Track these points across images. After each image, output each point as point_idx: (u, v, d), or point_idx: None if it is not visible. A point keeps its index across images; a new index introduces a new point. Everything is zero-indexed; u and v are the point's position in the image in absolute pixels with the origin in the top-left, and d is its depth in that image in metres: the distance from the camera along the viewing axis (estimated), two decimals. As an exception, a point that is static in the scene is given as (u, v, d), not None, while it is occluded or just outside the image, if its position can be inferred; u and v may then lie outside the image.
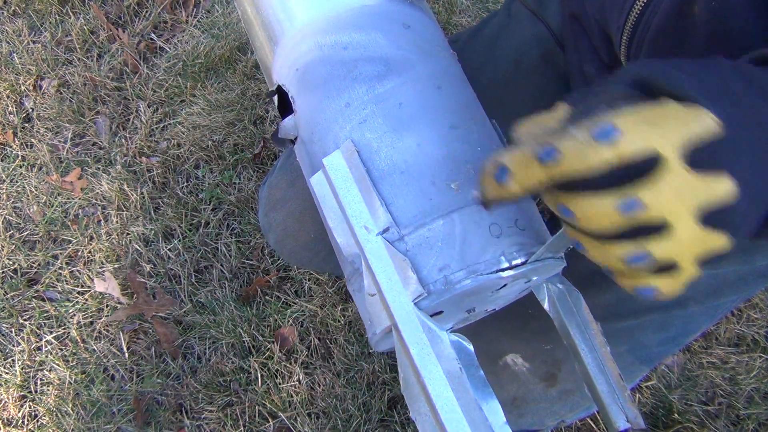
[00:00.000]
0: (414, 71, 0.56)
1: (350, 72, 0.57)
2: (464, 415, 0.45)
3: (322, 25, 0.61)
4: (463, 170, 0.52)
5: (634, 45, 0.58)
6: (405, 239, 0.50)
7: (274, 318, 1.25)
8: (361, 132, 0.55)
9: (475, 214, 0.50)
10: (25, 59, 1.60)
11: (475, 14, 1.59)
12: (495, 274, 0.48)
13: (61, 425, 1.21)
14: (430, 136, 0.53)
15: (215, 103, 1.49)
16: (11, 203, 1.44)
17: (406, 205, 0.51)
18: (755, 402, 1.14)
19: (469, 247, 0.49)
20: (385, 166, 0.53)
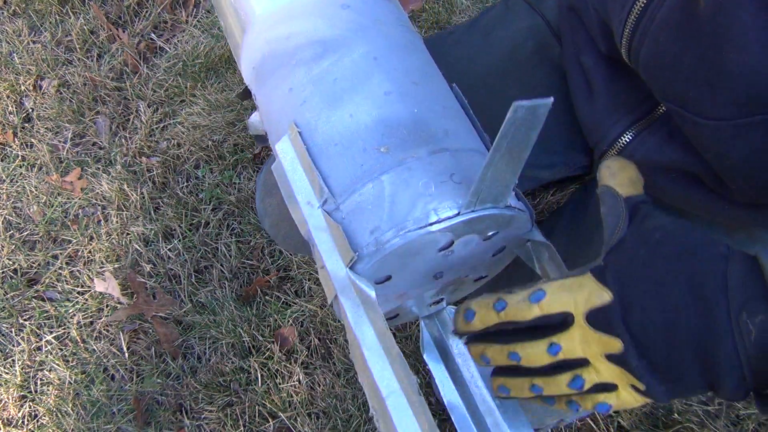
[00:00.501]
0: (349, 48, 0.58)
1: (291, 59, 0.59)
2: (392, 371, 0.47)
3: (270, 21, 0.63)
4: (395, 133, 0.53)
5: (636, 39, 0.58)
6: (340, 208, 0.52)
7: (274, 318, 1.25)
8: (302, 113, 0.57)
9: (404, 173, 0.51)
10: (25, 59, 1.60)
11: (475, 14, 1.59)
12: (424, 230, 0.49)
13: (61, 425, 1.21)
14: (363, 105, 0.55)
15: (215, 103, 1.49)
16: (11, 203, 1.44)
17: (341, 175, 0.53)
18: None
19: (398, 206, 0.50)
20: (322, 141, 0.54)
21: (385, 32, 0.60)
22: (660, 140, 0.66)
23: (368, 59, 0.57)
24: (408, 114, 0.54)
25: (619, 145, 0.70)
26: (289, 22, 0.61)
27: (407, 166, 0.51)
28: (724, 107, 0.52)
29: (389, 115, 0.54)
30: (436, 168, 0.51)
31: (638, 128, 0.68)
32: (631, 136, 0.68)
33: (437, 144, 0.53)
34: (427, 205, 0.49)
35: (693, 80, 0.53)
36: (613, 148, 0.70)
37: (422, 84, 0.57)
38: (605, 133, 0.70)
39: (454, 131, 0.55)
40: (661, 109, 0.66)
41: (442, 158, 0.52)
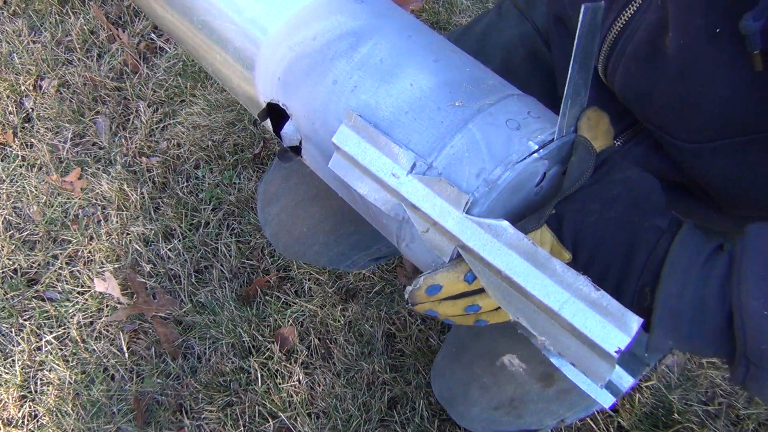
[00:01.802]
0: (382, 31, 0.60)
1: (326, 55, 0.60)
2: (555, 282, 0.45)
3: (286, 31, 0.64)
4: (460, 89, 0.55)
5: (610, 66, 0.60)
6: (434, 165, 0.52)
7: (274, 318, 1.25)
8: (356, 98, 0.57)
9: (488, 117, 0.53)
10: (25, 59, 1.60)
11: (475, 14, 1.59)
12: (530, 158, 0.50)
13: (61, 425, 1.21)
14: (419, 74, 0.56)
15: (215, 103, 1.49)
16: (11, 203, 1.44)
17: (423, 138, 0.53)
18: (755, 402, 1.14)
19: (495, 146, 0.51)
20: (389, 115, 0.55)
21: (404, 17, 0.63)
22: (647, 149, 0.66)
23: (404, 37, 0.60)
24: (463, 74, 0.57)
25: None
26: (309, 25, 0.63)
27: (488, 112, 0.53)
28: (697, 133, 0.54)
29: (447, 77, 0.56)
30: (513, 108, 0.54)
31: (625, 137, 0.68)
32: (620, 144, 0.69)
33: (501, 92, 0.55)
34: (521, 138, 0.51)
35: (664, 109, 0.56)
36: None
37: (458, 52, 0.61)
38: None
39: (505, 83, 0.58)
40: None
41: (512, 101, 0.55)
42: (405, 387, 1.18)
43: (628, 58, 0.57)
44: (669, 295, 0.45)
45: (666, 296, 0.45)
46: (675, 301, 0.45)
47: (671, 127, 0.56)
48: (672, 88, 0.53)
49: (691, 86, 0.51)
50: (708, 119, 0.52)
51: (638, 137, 0.67)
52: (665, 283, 0.46)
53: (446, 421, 1.15)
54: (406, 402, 1.17)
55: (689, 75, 0.51)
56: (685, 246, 0.46)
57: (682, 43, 0.50)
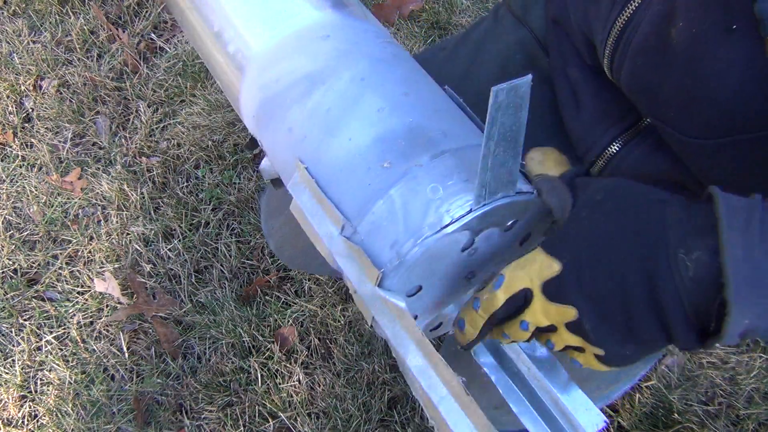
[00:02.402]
0: (335, 76, 0.59)
1: (284, 100, 0.60)
2: (438, 377, 0.48)
3: (257, 69, 0.64)
4: (394, 147, 0.54)
5: (616, 60, 0.59)
6: (358, 230, 0.53)
7: (274, 318, 1.25)
8: (305, 148, 0.58)
9: (411, 182, 0.52)
10: (25, 59, 1.60)
11: (475, 14, 1.59)
12: (440, 233, 0.49)
13: (61, 425, 1.21)
14: (359, 127, 0.55)
15: (215, 103, 1.49)
16: (11, 203, 1.44)
17: (352, 199, 0.54)
18: (755, 402, 1.14)
19: (412, 216, 0.50)
20: (329, 171, 0.56)
21: (366, 52, 0.61)
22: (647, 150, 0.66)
23: (355, 82, 0.58)
24: (403, 125, 0.55)
25: (606, 156, 0.70)
26: (275, 66, 0.63)
27: (412, 176, 0.52)
28: (704, 128, 0.53)
29: (385, 130, 0.55)
30: (441, 170, 0.52)
31: (625, 138, 0.68)
32: (619, 146, 0.69)
33: (437, 147, 0.53)
34: (438, 208, 0.50)
35: (672, 103, 0.55)
36: (600, 158, 0.71)
37: (412, 92, 0.58)
38: (593, 143, 0.71)
39: (451, 131, 0.56)
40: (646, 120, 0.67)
41: (444, 160, 0.53)
42: (405, 387, 1.18)
43: (634, 51, 0.56)
44: (737, 260, 0.38)
45: (735, 261, 0.38)
46: (747, 266, 0.39)
47: (677, 121, 0.55)
48: (680, 80, 0.52)
49: (700, 79, 0.50)
50: (715, 114, 0.51)
51: (638, 138, 0.67)
52: (729, 246, 0.39)
53: (446, 421, 1.15)
54: (406, 402, 1.17)
55: (698, 67, 0.50)
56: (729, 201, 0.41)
57: (694, 32, 0.49)
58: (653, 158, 0.66)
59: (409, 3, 1.58)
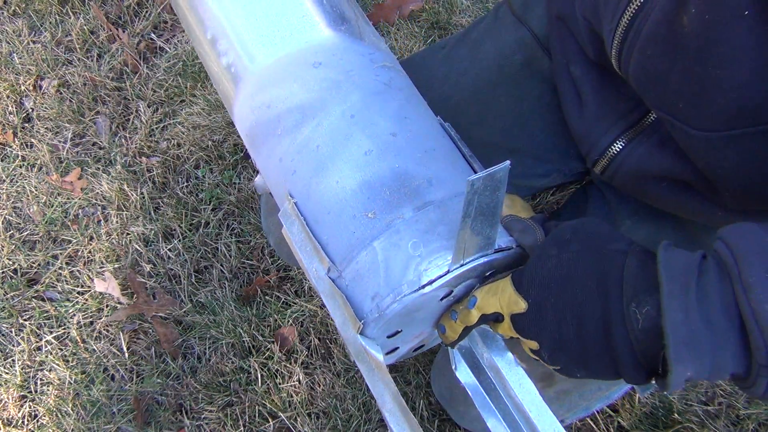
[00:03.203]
0: (326, 110, 0.59)
1: (276, 128, 0.60)
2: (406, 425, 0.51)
3: (251, 88, 0.64)
4: (379, 195, 0.54)
5: (625, 50, 0.58)
6: (343, 275, 0.54)
7: (274, 318, 1.25)
8: (293, 183, 0.58)
9: (393, 236, 0.52)
10: (25, 59, 1.60)
11: (475, 14, 1.59)
12: (418, 293, 0.50)
13: (61, 425, 1.21)
14: (346, 170, 0.56)
15: (215, 103, 1.49)
16: (11, 203, 1.44)
17: (338, 243, 0.55)
18: (755, 402, 1.14)
19: (391, 271, 0.52)
20: (317, 210, 0.56)
21: (359, 83, 0.60)
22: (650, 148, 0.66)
23: (345, 119, 0.58)
24: (389, 171, 0.55)
25: (610, 154, 0.70)
26: (267, 89, 0.62)
27: (395, 229, 0.52)
28: (712, 119, 0.52)
29: (371, 176, 0.55)
30: (423, 225, 0.53)
31: (629, 137, 0.68)
32: (622, 144, 0.68)
33: (421, 198, 0.54)
34: (418, 267, 0.51)
35: (681, 93, 0.54)
36: (604, 157, 0.71)
37: (401, 132, 0.58)
38: (596, 141, 0.71)
39: (438, 176, 0.56)
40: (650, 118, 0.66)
41: (427, 213, 0.53)
42: (405, 387, 1.18)
43: (643, 40, 0.56)
44: (676, 323, 0.43)
45: (674, 324, 0.43)
46: (685, 329, 0.42)
47: (686, 112, 0.55)
48: (691, 67, 0.52)
49: (711, 66, 0.50)
50: (725, 104, 0.51)
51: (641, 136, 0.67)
52: (669, 310, 0.43)
53: (446, 421, 1.15)
54: (406, 402, 1.17)
55: (710, 54, 0.50)
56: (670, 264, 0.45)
57: (707, 18, 0.49)
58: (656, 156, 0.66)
59: (409, 3, 1.58)
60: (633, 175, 0.69)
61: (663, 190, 0.67)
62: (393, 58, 0.68)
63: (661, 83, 0.56)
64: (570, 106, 0.73)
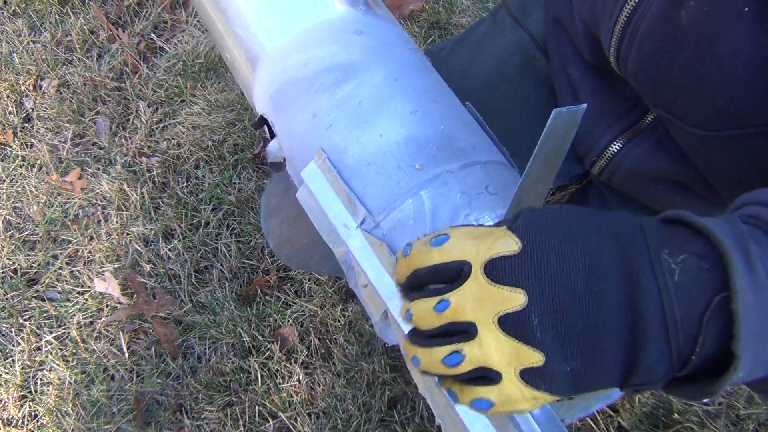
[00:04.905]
0: (369, 71, 0.59)
1: (312, 85, 0.60)
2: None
3: (285, 49, 0.64)
4: (426, 150, 0.54)
5: (623, 48, 0.58)
6: (381, 225, 0.52)
7: (274, 318, 1.25)
8: (329, 137, 0.57)
9: (442, 187, 0.52)
10: (25, 59, 1.60)
11: (475, 14, 1.59)
12: None
13: (61, 425, 1.21)
14: (391, 125, 0.55)
15: (215, 103, 1.49)
16: (11, 203, 1.44)
17: (378, 194, 0.53)
18: (755, 402, 1.14)
19: (439, 219, 0.51)
20: (354, 162, 0.55)
21: (399, 54, 0.62)
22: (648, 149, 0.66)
23: (389, 81, 0.58)
24: (435, 131, 0.55)
25: (608, 155, 0.70)
26: (305, 51, 0.62)
27: (443, 180, 0.52)
28: (710, 118, 0.52)
29: (418, 132, 0.55)
30: (471, 180, 0.52)
31: (626, 137, 0.68)
32: (620, 145, 0.69)
33: (468, 158, 0.54)
34: (468, 216, 0.50)
35: (680, 89, 0.54)
36: (601, 158, 0.71)
37: (441, 102, 0.59)
38: (594, 143, 0.71)
39: (480, 144, 0.56)
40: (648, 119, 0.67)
41: (474, 171, 0.53)
42: (405, 387, 1.18)
43: (642, 37, 0.55)
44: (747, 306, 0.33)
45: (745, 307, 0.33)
46: (756, 315, 0.33)
47: (685, 110, 0.55)
48: (690, 62, 0.51)
49: (710, 61, 0.50)
50: (720, 103, 0.51)
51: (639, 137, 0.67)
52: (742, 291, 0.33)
53: (446, 421, 1.15)
54: (406, 402, 1.17)
55: (709, 50, 0.49)
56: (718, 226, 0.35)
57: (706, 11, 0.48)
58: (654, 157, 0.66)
59: (409, 3, 1.58)
60: (631, 176, 0.69)
61: (660, 190, 0.67)
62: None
63: (659, 80, 0.56)
64: None
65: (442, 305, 0.37)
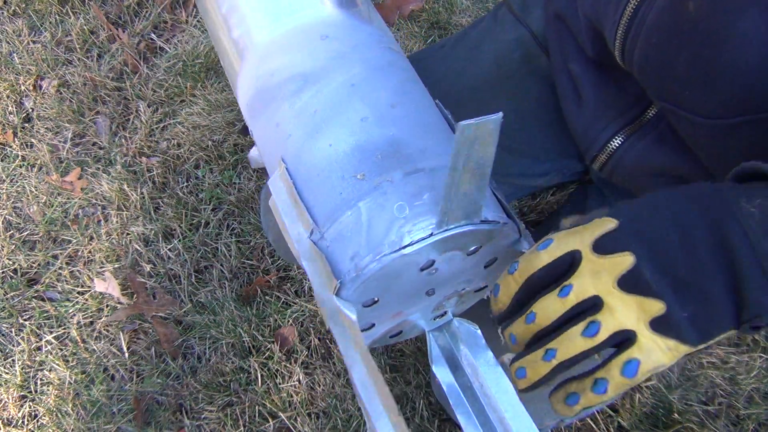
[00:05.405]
0: (328, 78, 0.59)
1: (277, 95, 0.61)
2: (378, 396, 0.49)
3: (256, 59, 0.65)
4: (370, 159, 0.54)
5: (629, 40, 0.58)
6: (324, 236, 0.53)
7: (274, 318, 1.25)
8: (287, 147, 0.58)
9: (380, 197, 0.52)
10: (25, 59, 1.60)
11: (475, 14, 1.59)
12: (398, 253, 0.50)
13: (61, 425, 1.21)
14: (341, 134, 0.56)
15: (215, 103, 1.49)
16: (11, 203, 1.44)
17: (324, 204, 0.54)
18: (755, 402, 1.14)
19: (374, 231, 0.51)
20: (306, 173, 0.56)
21: (364, 57, 0.61)
22: (649, 144, 0.66)
23: (346, 87, 0.58)
24: (384, 138, 0.55)
25: (608, 150, 0.70)
26: (273, 58, 0.63)
27: (382, 191, 0.52)
28: (718, 106, 0.52)
29: (365, 140, 0.55)
30: (411, 189, 0.52)
31: (627, 132, 0.68)
32: (621, 140, 0.69)
33: (413, 164, 0.54)
34: (401, 228, 0.50)
35: (688, 79, 0.53)
36: (603, 152, 0.71)
37: (400, 104, 0.58)
38: (595, 138, 0.71)
39: (432, 148, 0.55)
40: (649, 114, 0.67)
41: (417, 178, 0.53)
42: (405, 387, 1.18)
43: (648, 29, 0.55)
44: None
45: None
46: None
47: (691, 100, 0.54)
48: (698, 52, 0.51)
49: (719, 50, 0.49)
50: (731, 91, 0.50)
51: (640, 132, 0.67)
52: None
53: (446, 421, 1.15)
54: (406, 402, 1.17)
55: (717, 39, 0.49)
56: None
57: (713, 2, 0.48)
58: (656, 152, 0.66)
59: (409, 3, 1.58)
60: (632, 171, 0.69)
61: (661, 185, 0.67)
62: (398, 45, 0.69)
63: (666, 71, 0.55)
64: (569, 103, 0.73)
65: (566, 290, 0.41)
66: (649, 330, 0.40)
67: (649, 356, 0.40)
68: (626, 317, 0.40)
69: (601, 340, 0.41)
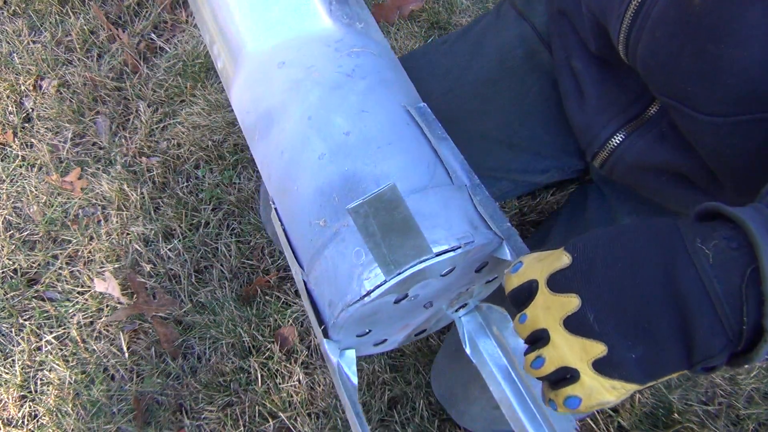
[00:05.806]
0: (287, 113, 0.58)
1: (254, 134, 0.62)
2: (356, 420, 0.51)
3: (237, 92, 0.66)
4: (330, 202, 0.54)
5: (633, 35, 0.58)
6: (309, 278, 0.55)
7: (274, 318, 1.25)
8: (271, 187, 0.60)
9: (339, 245, 0.52)
10: (25, 59, 1.60)
11: (475, 14, 1.59)
12: (360, 302, 0.50)
13: (61, 425, 1.21)
14: (303, 176, 0.56)
15: (215, 103, 1.49)
16: (11, 203, 1.44)
17: (302, 250, 0.55)
18: (755, 402, 1.14)
19: (340, 280, 0.51)
20: (287, 216, 0.58)
21: (318, 79, 0.59)
22: (651, 141, 0.66)
23: (303, 122, 0.57)
24: (338, 175, 0.54)
25: (610, 147, 0.70)
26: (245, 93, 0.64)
27: (341, 238, 0.52)
28: (721, 103, 0.52)
29: (323, 182, 0.55)
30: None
31: (629, 129, 0.68)
32: (622, 137, 0.69)
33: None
34: (360, 276, 0.50)
35: (691, 75, 0.53)
36: (604, 149, 0.71)
37: (355, 130, 0.56)
38: (596, 134, 0.71)
39: (387, 173, 0.53)
40: (651, 111, 0.66)
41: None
42: (405, 387, 1.18)
43: (653, 23, 0.55)
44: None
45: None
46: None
47: (695, 97, 0.54)
48: (702, 47, 0.51)
49: (724, 45, 0.49)
50: (735, 87, 0.50)
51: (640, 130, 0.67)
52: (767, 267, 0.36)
53: (446, 421, 1.15)
54: (406, 402, 1.17)
55: (722, 33, 0.49)
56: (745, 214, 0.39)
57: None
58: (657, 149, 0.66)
59: (409, 3, 1.58)
60: (633, 168, 0.69)
61: (662, 183, 0.67)
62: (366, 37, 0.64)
63: (670, 66, 0.55)
64: (571, 99, 0.73)
65: (522, 318, 0.45)
66: (591, 370, 0.42)
67: (590, 394, 0.42)
68: (569, 356, 0.42)
69: (546, 373, 0.44)
